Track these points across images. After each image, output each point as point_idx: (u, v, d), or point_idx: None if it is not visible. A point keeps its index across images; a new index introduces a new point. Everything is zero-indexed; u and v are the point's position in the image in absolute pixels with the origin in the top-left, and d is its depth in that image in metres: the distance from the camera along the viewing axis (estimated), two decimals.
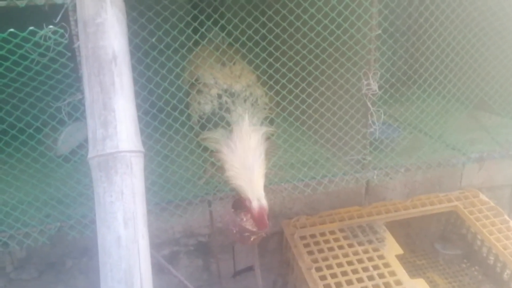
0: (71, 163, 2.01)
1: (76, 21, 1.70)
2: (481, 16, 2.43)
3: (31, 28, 1.59)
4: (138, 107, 1.77)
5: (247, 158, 2.05)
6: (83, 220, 2.10)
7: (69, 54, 1.73)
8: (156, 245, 2.70)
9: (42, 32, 1.61)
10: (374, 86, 2.15)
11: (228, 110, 2.15)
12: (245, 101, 2.19)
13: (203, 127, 2.17)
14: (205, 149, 2.16)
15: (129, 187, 1.59)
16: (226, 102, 2.17)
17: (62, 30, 1.64)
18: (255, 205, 2.00)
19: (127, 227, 1.57)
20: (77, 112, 1.84)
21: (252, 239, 2.06)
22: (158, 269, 2.41)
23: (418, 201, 2.82)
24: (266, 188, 2.29)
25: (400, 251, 2.47)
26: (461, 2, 2.36)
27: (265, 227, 2.04)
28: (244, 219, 2.10)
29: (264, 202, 2.01)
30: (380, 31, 2.14)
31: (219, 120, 2.14)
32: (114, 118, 1.61)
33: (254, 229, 2.05)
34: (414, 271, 2.81)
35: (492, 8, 2.41)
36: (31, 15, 1.70)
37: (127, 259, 1.55)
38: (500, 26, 2.45)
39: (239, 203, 2.11)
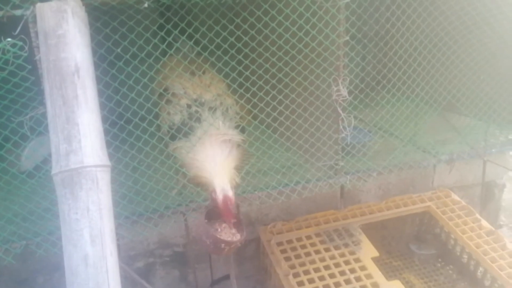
0: (35, 178, 1.95)
1: (36, 32, 1.65)
2: (446, 20, 2.47)
3: None
4: (105, 119, 1.73)
5: (211, 149, 2.05)
6: (50, 237, 2.04)
7: (30, 67, 1.67)
8: (130, 257, 2.64)
9: None
10: (344, 92, 2.16)
11: (198, 120, 2.13)
12: (215, 110, 2.18)
13: (173, 137, 2.14)
14: (176, 159, 2.13)
15: (95, 203, 1.55)
16: (196, 112, 2.14)
17: (21, 43, 1.58)
18: (219, 194, 1.98)
19: (95, 245, 1.52)
20: (40, 127, 1.78)
21: (226, 249, 2.03)
22: (131, 284, 2.36)
23: (392, 203, 2.84)
24: (240, 197, 2.28)
25: (376, 253, 2.48)
26: (427, 7, 2.39)
27: (232, 217, 2.02)
28: (218, 230, 2.07)
29: (230, 192, 1.99)
30: (348, 38, 2.15)
31: (189, 130, 2.11)
32: (78, 132, 1.56)
33: (228, 239, 2.02)
34: (390, 272, 2.82)
35: (457, 12, 2.46)
36: None
37: (95, 277, 1.50)
38: (465, 30, 2.50)
39: (212, 213, 2.09)
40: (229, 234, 2.10)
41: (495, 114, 2.74)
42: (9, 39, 1.56)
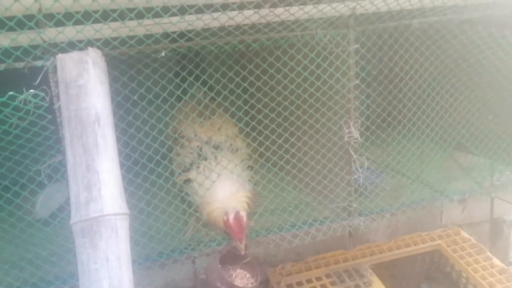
0: (51, 226, 1.93)
1: (56, 82, 1.67)
2: (453, 63, 2.54)
3: (10, 93, 1.56)
4: (121, 165, 1.73)
5: (224, 175, 2.10)
6: (63, 286, 2.01)
7: (50, 116, 1.68)
8: None
9: (22, 97, 1.57)
10: (356, 134, 2.18)
11: (207, 158, 2.16)
12: (223, 150, 2.20)
13: (187, 182, 2.16)
14: (190, 204, 2.13)
15: (114, 252, 1.54)
16: (206, 153, 2.18)
17: (42, 94, 1.60)
18: (231, 213, 2.00)
19: None
20: (57, 174, 1.78)
21: None
22: None
23: (402, 242, 2.82)
24: (253, 240, 2.26)
25: None
26: (434, 51, 2.46)
27: (242, 235, 2.03)
28: (233, 275, 2.05)
29: (241, 211, 2.02)
30: (358, 81, 2.19)
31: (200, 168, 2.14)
32: (98, 180, 1.56)
33: (243, 286, 2.00)
34: None
35: (464, 55, 2.53)
36: (9, 77, 1.67)
37: None
38: (473, 72, 2.56)
39: (227, 258, 2.07)
40: (243, 280, 2.08)
41: (505, 153, 2.77)
42: (31, 90, 1.58)
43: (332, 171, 2.36)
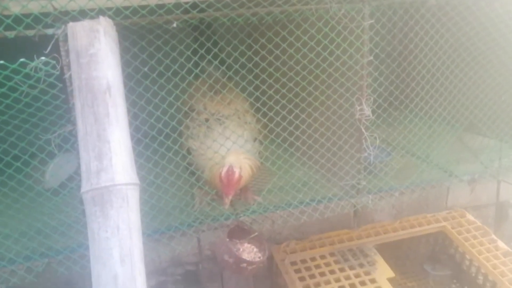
0: (60, 196, 1.93)
1: (67, 51, 1.65)
2: (469, 41, 2.49)
3: (22, 59, 1.54)
4: (131, 137, 1.72)
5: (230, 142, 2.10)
6: (72, 255, 2.02)
7: (61, 85, 1.66)
8: None
9: (33, 64, 1.56)
10: (367, 111, 2.16)
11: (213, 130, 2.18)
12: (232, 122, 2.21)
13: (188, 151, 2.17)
14: (200, 177, 2.13)
15: (125, 221, 1.54)
16: (211, 125, 2.20)
17: (54, 62, 1.58)
18: (225, 167, 2.01)
19: (124, 264, 1.51)
20: (67, 144, 1.77)
21: (248, 269, 2.01)
22: None
23: (407, 223, 2.81)
24: (262, 216, 2.26)
25: (391, 274, 2.44)
26: (449, 28, 2.42)
27: (230, 189, 2.04)
28: (241, 249, 2.06)
29: (236, 168, 2.03)
30: (371, 57, 2.16)
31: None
32: (109, 150, 1.55)
33: (250, 259, 2.01)
34: None
35: (479, 33, 2.48)
36: (20, 45, 1.65)
37: None
38: (488, 51, 2.52)
39: (234, 232, 2.07)
40: (251, 254, 2.09)
41: None
42: (42, 58, 1.57)
43: (342, 149, 2.34)
